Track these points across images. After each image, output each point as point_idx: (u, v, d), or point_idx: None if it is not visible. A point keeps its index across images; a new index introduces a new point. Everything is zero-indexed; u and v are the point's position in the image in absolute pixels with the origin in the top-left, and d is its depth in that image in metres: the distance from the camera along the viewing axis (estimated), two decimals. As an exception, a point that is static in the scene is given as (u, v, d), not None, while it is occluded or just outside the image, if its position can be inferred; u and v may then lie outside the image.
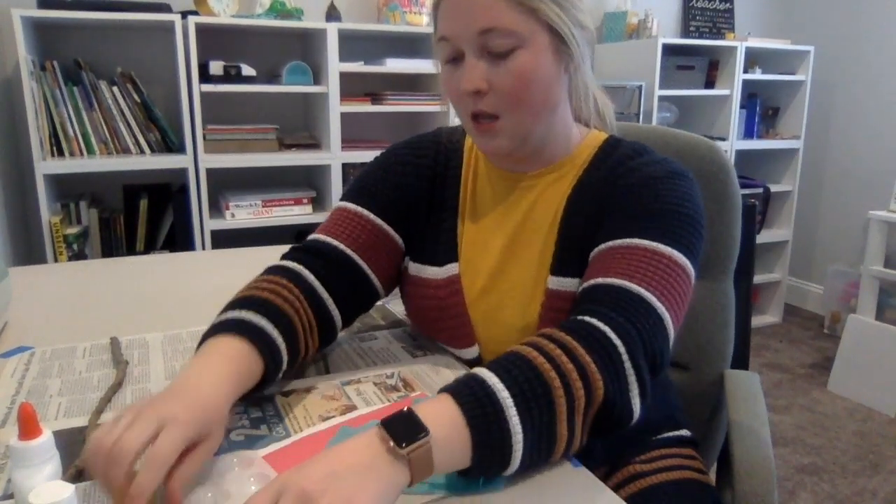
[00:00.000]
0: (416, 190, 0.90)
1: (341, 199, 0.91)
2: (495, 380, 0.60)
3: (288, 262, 0.84)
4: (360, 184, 0.91)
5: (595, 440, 0.66)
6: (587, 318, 0.67)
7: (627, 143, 0.85)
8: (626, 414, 0.65)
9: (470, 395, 0.59)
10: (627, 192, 0.78)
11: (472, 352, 0.87)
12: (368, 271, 0.86)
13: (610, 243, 0.75)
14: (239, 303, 0.75)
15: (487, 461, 0.58)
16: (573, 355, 0.62)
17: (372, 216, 0.87)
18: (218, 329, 0.71)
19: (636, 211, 0.76)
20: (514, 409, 0.58)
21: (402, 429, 0.54)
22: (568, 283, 0.80)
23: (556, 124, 0.83)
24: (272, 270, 0.83)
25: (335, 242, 0.85)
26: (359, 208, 0.88)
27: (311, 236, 0.88)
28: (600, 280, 0.72)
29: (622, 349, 0.64)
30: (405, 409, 0.56)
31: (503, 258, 0.85)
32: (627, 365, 0.64)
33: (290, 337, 0.75)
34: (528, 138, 0.81)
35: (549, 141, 0.84)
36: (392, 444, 0.53)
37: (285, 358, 0.74)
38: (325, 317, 0.82)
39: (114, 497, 0.53)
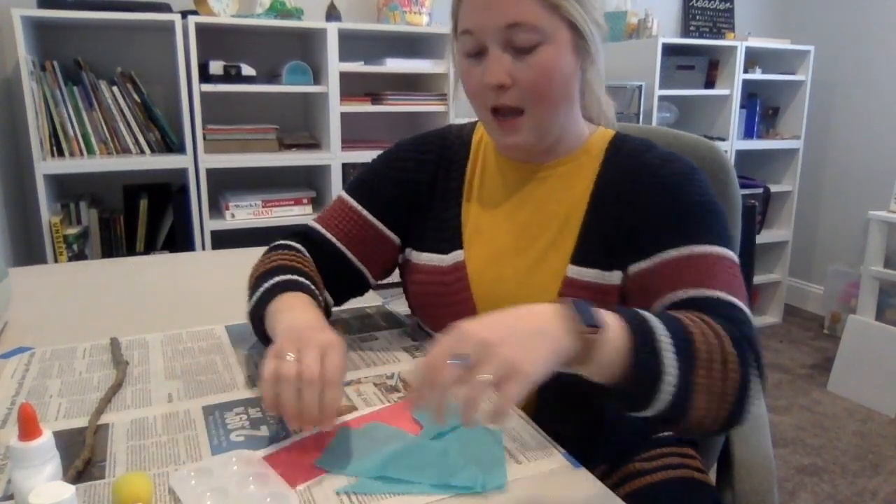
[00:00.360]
0: (418, 184, 0.92)
1: (345, 190, 0.96)
2: (660, 325, 0.62)
3: (290, 242, 0.91)
4: (363, 177, 0.96)
5: (597, 440, 0.67)
6: (719, 322, 0.66)
7: (633, 138, 0.88)
8: (738, 416, 0.64)
9: (637, 324, 0.61)
10: (658, 193, 0.80)
11: None
12: (357, 263, 0.92)
13: (667, 255, 0.76)
14: (281, 269, 0.83)
15: (633, 386, 0.60)
16: (723, 343, 0.63)
17: (366, 213, 0.92)
18: (281, 289, 0.79)
19: (676, 217, 0.78)
20: (671, 352, 0.60)
21: (583, 313, 0.58)
22: (587, 274, 0.82)
23: (570, 119, 0.86)
24: (281, 247, 0.90)
25: (328, 235, 0.92)
26: (355, 204, 0.93)
27: (309, 223, 0.94)
28: (693, 292, 0.72)
29: (752, 361, 0.65)
30: (586, 301, 0.60)
31: (513, 247, 0.87)
32: (754, 375, 0.65)
33: (324, 299, 0.85)
34: (547, 134, 0.83)
35: (564, 135, 0.87)
36: (572, 320, 0.57)
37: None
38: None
39: (302, 418, 0.62)
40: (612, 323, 0.60)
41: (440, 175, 0.93)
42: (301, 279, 0.82)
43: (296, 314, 0.75)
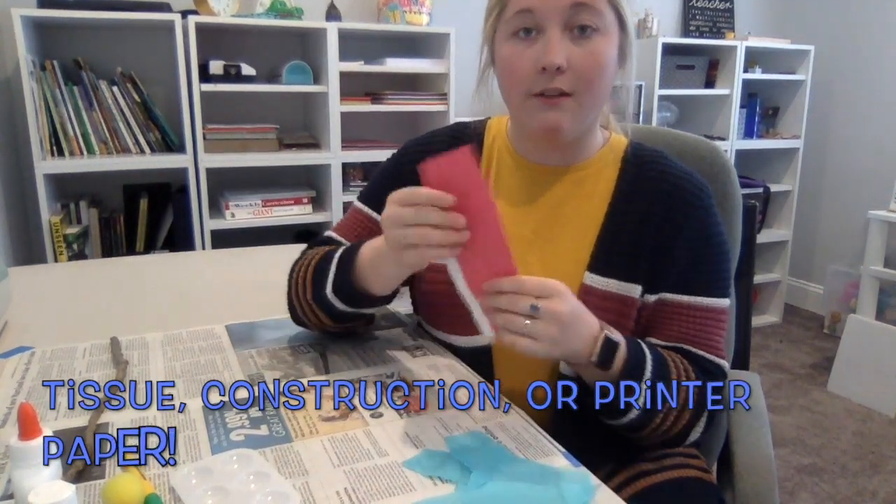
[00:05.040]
0: None
1: (357, 199, 0.96)
2: (650, 368, 0.75)
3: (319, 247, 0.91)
4: (374, 184, 0.95)
5: (598, 439, 0.67)
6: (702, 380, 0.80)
7: (647, 147, 0.88)
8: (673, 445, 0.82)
9: (634, 356, 0.75)
10: (682, 229, 0.83)
11: (482, 339, 0.87)
12: None
13: (679, 298, 0.83)
14: (335, 250, 0.85)
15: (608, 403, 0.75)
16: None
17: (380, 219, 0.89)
18: (353, 251, 0.82)
19: (699, 264, 0.84)
20: (644, 392, 0.74)
21: (603, 354, 0.73)
22: (605, 283, 0.82)
23: (595, 120, 0.87)
24: (314, 245, 0.91)
25: (347, 244, 0.89)
26: (370, 211, 0.92)
27: (327, 233, 0.93)
28: (691, 349, 0.83)
29: (704, 414, 0.79)
30: (617, 343, 0.74)
31: (528, 249, 0.87)
32: (702, 425, 0.79)
33: None
34: (583, 124, 0.83)
35: (587, 135, 0.87)
36: (593, 354, 0.73)
37: None
38: None
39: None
40: (617, 364, 0.74)
41: None
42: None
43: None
